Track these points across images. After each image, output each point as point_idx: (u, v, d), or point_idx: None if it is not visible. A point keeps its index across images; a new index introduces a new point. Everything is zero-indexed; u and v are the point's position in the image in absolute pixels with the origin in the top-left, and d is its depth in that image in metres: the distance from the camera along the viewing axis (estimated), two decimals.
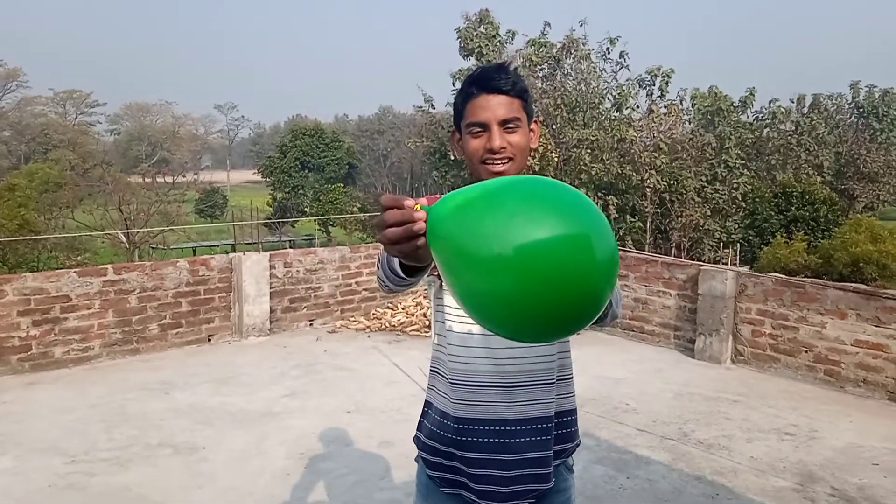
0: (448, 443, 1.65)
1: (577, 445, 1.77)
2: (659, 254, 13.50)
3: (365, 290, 7.72)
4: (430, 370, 1.75)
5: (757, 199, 20.37)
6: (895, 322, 5.26)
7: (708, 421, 4.88)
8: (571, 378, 1.76)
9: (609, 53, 18.69)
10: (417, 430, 1.76)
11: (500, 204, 1.06)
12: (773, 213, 19.88)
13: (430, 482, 1.73)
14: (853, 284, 5.91)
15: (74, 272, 6.11)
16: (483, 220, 1.05)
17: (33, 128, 52.71)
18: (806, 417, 4.96)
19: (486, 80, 1.56)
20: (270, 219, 34.78)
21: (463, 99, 1.60)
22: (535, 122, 1.66)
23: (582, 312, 1.07)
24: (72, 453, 4.23)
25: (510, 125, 1.56)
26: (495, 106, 1.55)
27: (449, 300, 1.63)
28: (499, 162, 1.57)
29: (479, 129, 1.57)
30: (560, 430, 1.69)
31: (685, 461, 4.22)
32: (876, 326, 5.36)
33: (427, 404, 1.76)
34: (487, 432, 1.61)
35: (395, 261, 1.30)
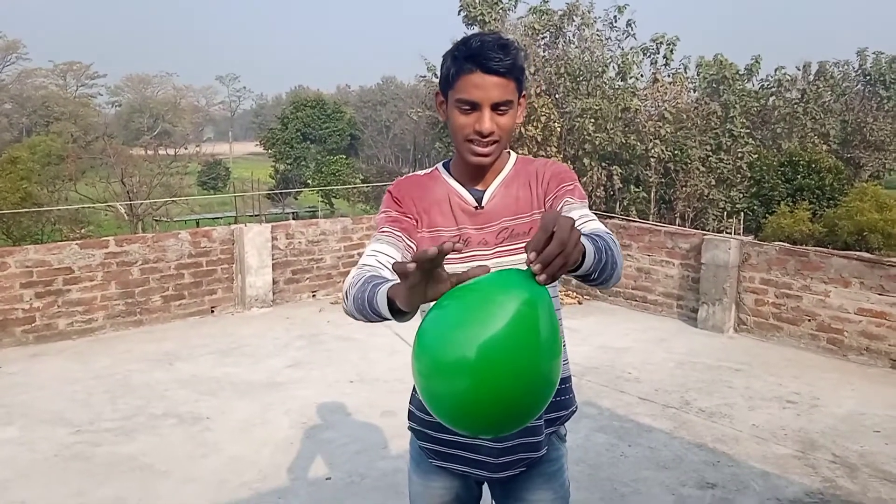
0: None
1: (573, 412, 1.76)
2: (663, 223, 13.46)
3: None
4: None
5: (762, 168, 20.26)
6: None
7: (710, 389, 4.89)
8: (563, 346, 1.74)
9: (616, 22, 18.45)
10: (410, 402, 1.76)
11: (442, 318, 1.17)
12: (778, 182, 19.79)
13: (421, 452, 1.74)
14: (857, 253, 5.88)
15: (76, 244, 6.11)
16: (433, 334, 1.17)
17: (34, 100, 52.45)
18: (808, 385, 4.97)
19: (484, 58, 1.49)
20: (273, 190, 34.73)
21: (457, 71, 1.53)
22: (523, 96, 1.60)
23: (536, 400, 1.19)
24: (77, 424, 4.26)
25: (502, 108, 1.52)
26: (490, 87, 1.50)
27: None
28: (484, 144, 1.55)
29: (468, 108, 1.52)
30: (552, 397, 1.68)
31: (687, 429, 4.23)
32: (879, 295, 5.34)
33: None
34: None
35: (382, 302, 1.29)
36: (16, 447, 3.95)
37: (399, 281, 1.20)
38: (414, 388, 1.76)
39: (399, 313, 1.27)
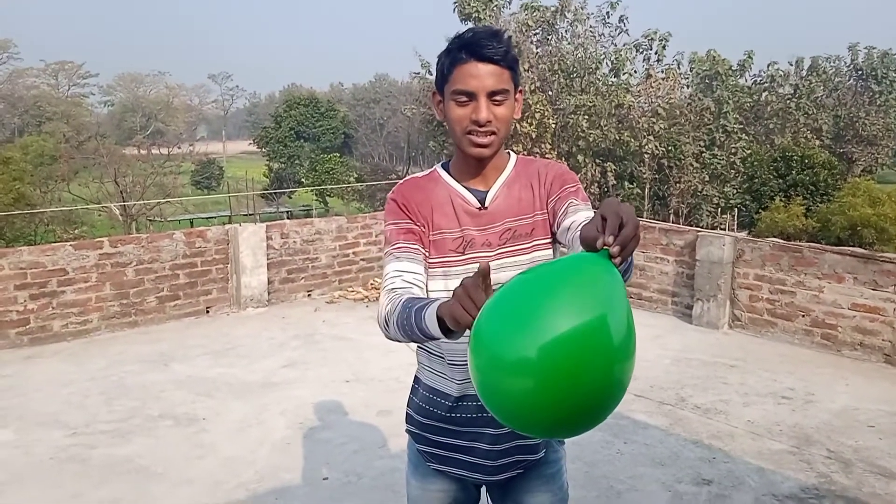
0: (438, 418, 1.66)
1: None
2: (657, 220, 13.49)
3: (363, 260, 7.71)
4: (418, 347, 1.74)
5: (756, 164, 20.30)
6: (892, 285, 5.26)
7: (705, 386, 4.91)
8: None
9: (609, 18, 18.47)
10: (407, 405, 1.76)
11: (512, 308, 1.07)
12: (772, 178, 19.82)
13: (419, 455, 1.74)
14: (850, 248, 5.90)
15: (70, 245, 6.09)
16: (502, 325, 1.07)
17: (26, 100, 52.21)
18: (802, 381, 4.99)
19: (477, 46, 1.49)
20: (267, 190, 34.67)
21: (451, 62, 1.52)
22: (520, 91, 1.60)
23: (608, 397, 1.07)
24: (73, 426, 4.25)
25: (498, 97, 1.51)
26: (485, 75, 1.49)
27: (432, 284, 1.61)
28: (483, 134, 1.53)
29: (465, 98, 1.51)
30: None
31: (682, 426, 4.25)
32: (873, 290, 5.36)
33: (416, 380, 1.76)
34: (478, 407, 1.60)
35: (432, 324, 1.29)
36: (11, 450, 3.94)
37: (446, 300, 1.21)
38: (412, 391, 1.76)
39: (450, 332, 1.27)
